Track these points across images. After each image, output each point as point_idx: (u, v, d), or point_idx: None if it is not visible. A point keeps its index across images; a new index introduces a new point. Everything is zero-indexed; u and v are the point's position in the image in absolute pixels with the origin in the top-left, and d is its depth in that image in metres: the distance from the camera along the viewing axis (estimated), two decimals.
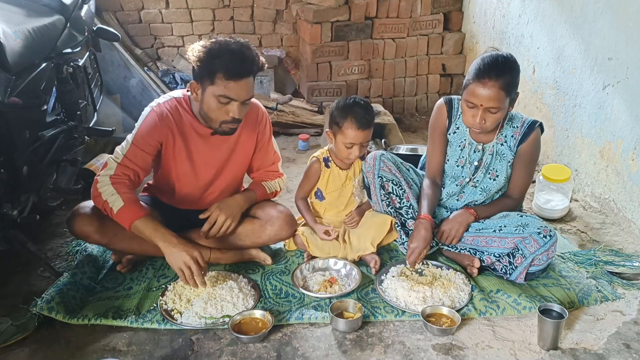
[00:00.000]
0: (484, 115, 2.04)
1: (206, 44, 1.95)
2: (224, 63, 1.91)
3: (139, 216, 1.95)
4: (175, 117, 2.09)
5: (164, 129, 2.07)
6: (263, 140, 2.30)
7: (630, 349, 1.83)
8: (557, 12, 3.15)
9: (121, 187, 1.98)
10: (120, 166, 2.02)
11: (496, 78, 1.98)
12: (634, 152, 2.60)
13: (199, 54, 1.94)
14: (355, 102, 2.25)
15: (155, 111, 2.07)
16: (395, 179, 2.27)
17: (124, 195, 1.96)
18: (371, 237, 2.28)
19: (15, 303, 2.03)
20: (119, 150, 2.06)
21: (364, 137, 2.24)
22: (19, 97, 1.97)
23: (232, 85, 1.94)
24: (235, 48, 1.94)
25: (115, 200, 1.95)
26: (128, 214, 1.95)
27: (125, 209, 1.95)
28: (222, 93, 1.95)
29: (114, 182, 1.99)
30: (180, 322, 1.93)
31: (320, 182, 2.38)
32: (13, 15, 2.12)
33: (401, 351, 1.83)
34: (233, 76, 1.93)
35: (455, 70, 4.48)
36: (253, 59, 1.97)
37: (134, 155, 2.04)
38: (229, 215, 2.17)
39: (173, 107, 2.10)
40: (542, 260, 2.08)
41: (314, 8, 4.02)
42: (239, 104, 1.99)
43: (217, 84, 1.94)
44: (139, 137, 2.05)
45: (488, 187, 2.27)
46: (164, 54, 4.48)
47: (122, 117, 3.71)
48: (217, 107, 1.99)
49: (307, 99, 4.31)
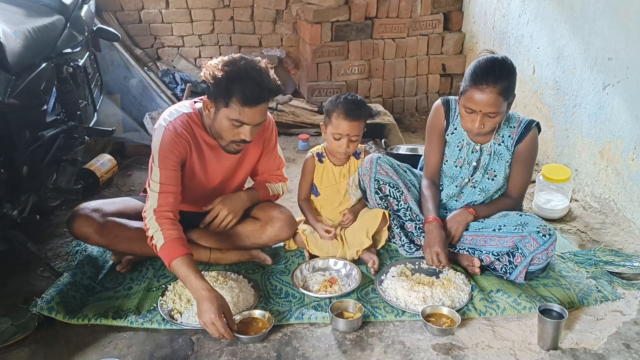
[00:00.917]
0: (482, 121, 2.05)
1: (225, 65, 1.90)
2: (242, 89, 1.87)
3: (175, 257, 1.89)
4: (189, 133, 2.06)
5: (182, 144, 2.03)
6: (269, 147, 2.30)
7: (630, 349, 1.83)
8: (557, 12, 3.15)
9: (165, 223, 1.94)
10: (162, 195, 1.97)
11: (494, 84, 1.98)
12: (634, 152, 2.60)
13: (216, 74, 1.89)
14: (348, 95, 2.27)
15: (170, 130, 2.01)
16: (392, 181, 2.27)
17: (166, 232, 1.92)
18: (365, 229, 2.29)
19: (15, 303, 2.03)
20: (151, 180, 2.00)
21: (351, 129, 2.23)
22: (19, 97, 1.97)
23: (247, 111, 1.91)
24: (254, 75, 1.89)
25: (158, 237, 1.92)
26: (167, 253, 1.91)
27: (165, 248, 1.91)
28: (236, 117, 1.92)
29: (158, 216, 1.95)
30: (180, 322, 1.93)
31: (314, 177, 2.39)
32: (13, 15, 2.12)
33: (401, 351, 1.83)
34: (249, 103, 1.89)
35: (455, 70, 4.48)
36: (270, 86, 1.93)
37: (167, 179, 1.99)
38: (231, 211, 2.18)
39: (185, 123, 2.05)
40: (541, 259, 2.08)
41: (314, 8, 4.02)
42: (251, 127, 1.97)
43: (231, 108, 1.91)
44: (162, 159, 1.99)
45: (487, 187, 2.27)
46: (164, 54, 4.48)
47: (122, 117, 3.71)
48: (228, 128, 1.97)
49: (307, 99, 4.31)
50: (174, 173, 2.01)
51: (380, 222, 2.30)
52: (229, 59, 1.93)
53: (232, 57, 1.94)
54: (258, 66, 1.93)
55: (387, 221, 2.32)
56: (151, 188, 1.99)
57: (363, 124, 2.27)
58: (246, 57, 1.95)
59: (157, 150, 2.00)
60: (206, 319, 1.78)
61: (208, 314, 1.77)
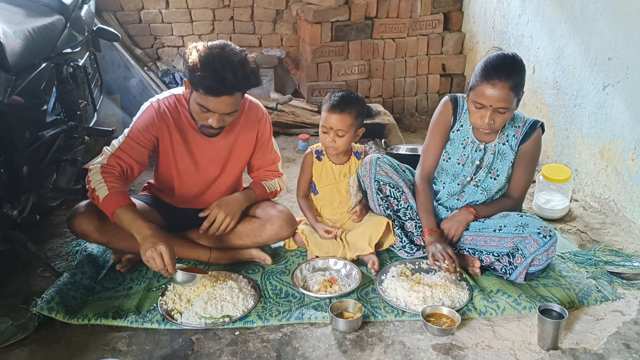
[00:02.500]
0: (492, 116, 2.04)
1: (201, 51, 1.92)
2: (204, 80, 1.89)
3: (120, 205, 1.95)
4: (173, 113, 2.12)
5: (160, 123, 2.10)
6: (263, 138, 2.30)
7: (630, 349, 1.83)
8: (557, 12, 3.16)
9: (109, 177, 2.01)
10: (113, 156, 2.06)
11: (506, 79, 1.98)
12: (634, 152, 2.60)
13: (191, 58, 1.93)
14: (342, 91, 2.28)
15: (154, 106, 2.11)
16: (392, 181, 2.27)
17: (110, 184, 1.98)
18: (368, 237, 2.28)
19: (15, 303, 2.03)
20: (115, 142, 2.10)
21: (336, 122, 2.22)
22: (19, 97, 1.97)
23: (211, 99, 1.94)
24: (220, 67, 1.88)
25: (101, 188, 1.98)
26: (110, 202, 1.96)
27: (109, 198, 1.96)
28: (202, 103, 1.96)
29: (103, 171, 2.02)
30: (180, 322, 1.93)
31: (313, 175, 2.39)
32: (13, 15, 2.12)
33: (401, 351, 1.83)
34: (211, 93, 1.92)
35: (455, 70, 4.48)
36: (234, 81, 1.91)
37: (129, 148, 2.08)
38: (229, 214, 2.18)
39: (172, 103, 2.13)
40: (541, 260, 2.08)
41: (314, 8, 4.02)
42: (218, 115, 1.99)
43: (199, 93, 1.95)
44: (134, 130, 2.09)
45: (489, 186, 2.27)
46: (164, 54, 4.48)
47: (122, 117, 3.71)
48: (198, 111, 2.01)
49: (307, 99, 4.31)
50: (139, 147, 2.09)
51: (384, 231, 2.29)
52: (208, 46, 1.95)
53: (211, 44, 1.96)
54: (231, 58, 1.92)
55: (391, 230, 2.31)
56: (109, 147, 2.08)
57: (351, 119, 2.22)
58: (226, 47, 1.95)
59: (134, 121, 2.11)
60: (148, 255, 1.86)
61: (150, 251, 1.86)
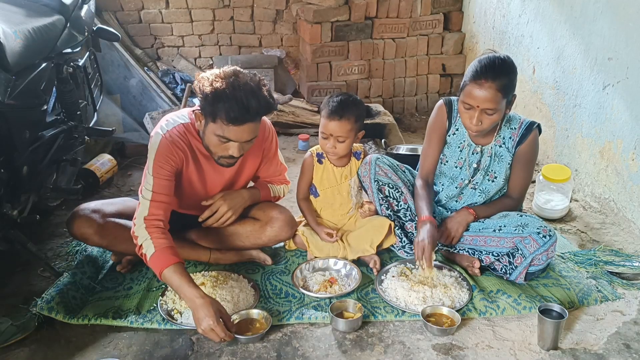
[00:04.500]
0: (480, 117, 2.04)
1: (215, 80, 1.84)
2: (226, 109, 1.82)
3: (168, 265, 1.86)
4: (185, 142, 2.03)
5: (178, 154, 2.01)
6: (269, 155, 2.29)
7: (630, 349, 1.83)
8: (557, 12, 3.15)
9: (154, 232, 1.91)
10: (153, 203, 1.94)
11: (492, 80, 1.98)
12: (634, 152, 2.60)
13: (205, 89, 1.84)
14: (341, 94, 2.24)
15: (167, 138, 1.99)
16: (392, 182, 2.27)
17: (156, 241, 1.89)
18: (369, 239, 2.28)
19: (15, 303, 2.03)
20: (144, 187, 1.97)
21: (335, 129, 2.18)
22: (19, 97, 1.97)
23: (232, 129, 1.87)
24: (241, 94, 1.82)
25: (148, 246, 1.89)
26: (158, 262, 1.88)
27: (156, 257, 1.88)
28: (222, 134, 1.89)
29: (148, 225, 1.92)
30: (180, 322, 1.93)
31: (314, 178, 2.38)
32: (13, 15, 2.12)
33: (401, 351, 1.83)
34: (234, 122, 1.86)
35: (455, 70, 4.48)
36: (259, 106, 1.87)
37: (161, 188, 1.96)
38: (231, 207, 2.16)
39: (182, 133, 2.02)
40: (541, 260, 2.08)
41: (314, 8, 4.02)
42: (239, 144, 1.93)
43: (217, 124, 1.88)
44: (157, 167, 1.97)
45: (487, 188, 2.27)
46: (164, 54, 4.49)
47: (122, 117, 3.72)
48: (216, 143, 1.93)
49: (307, 99, 4.31)
50: (167, 182, 1.99)
51: (386, 233, 2.29)
52: (221, 74, 1.87)
53: (224, 72, 1.88)
54: (249, 84, 1.86)
55: (393, 232, 2.31)
56: (143, 195, 1.96)
57: (350, 124, 2.18)
58: (239, 73, 1.88)
59: (152, 159, 1.97)
60: (205, 327, 1.76)
61: (206, 321, 1.76)
